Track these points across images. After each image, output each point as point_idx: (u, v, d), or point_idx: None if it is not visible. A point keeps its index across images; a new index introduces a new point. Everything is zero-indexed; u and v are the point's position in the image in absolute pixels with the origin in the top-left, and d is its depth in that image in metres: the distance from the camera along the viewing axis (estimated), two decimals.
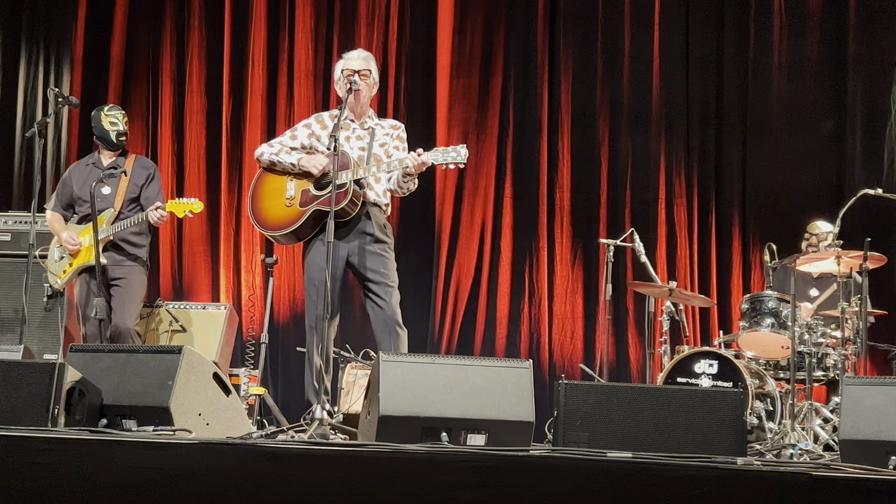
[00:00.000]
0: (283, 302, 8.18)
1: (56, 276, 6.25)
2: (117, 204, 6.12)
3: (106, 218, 6.05)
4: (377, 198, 5.35)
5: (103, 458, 3.34)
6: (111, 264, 6.04)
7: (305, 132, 5.48)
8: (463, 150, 5.11)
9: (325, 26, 8.47)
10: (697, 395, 3.98)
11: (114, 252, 6.08)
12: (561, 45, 8.23)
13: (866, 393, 4.11)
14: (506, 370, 4.10)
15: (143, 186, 6.24)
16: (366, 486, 3.23)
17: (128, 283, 6.11)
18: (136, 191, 6.22)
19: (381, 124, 5.50)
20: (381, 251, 5.30)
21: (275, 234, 5.43)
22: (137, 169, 6.28)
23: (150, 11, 8.65)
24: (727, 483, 3.11)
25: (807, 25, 7.98)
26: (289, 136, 5.52)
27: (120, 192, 6.15)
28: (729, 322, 7.65)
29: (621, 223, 7.90)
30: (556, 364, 7.88)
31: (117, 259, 6.10)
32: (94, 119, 6.30)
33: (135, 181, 6.22)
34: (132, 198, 6.20)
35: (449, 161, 5.12)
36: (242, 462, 3.28)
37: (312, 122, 5.51)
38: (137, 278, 6.18)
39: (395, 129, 5.50)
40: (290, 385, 7.99)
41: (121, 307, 6.06)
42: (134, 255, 6.17)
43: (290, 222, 5.30)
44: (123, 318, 6.04)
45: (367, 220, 5.28)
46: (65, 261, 6.19)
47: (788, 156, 7.93)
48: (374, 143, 5.37)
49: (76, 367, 4.08)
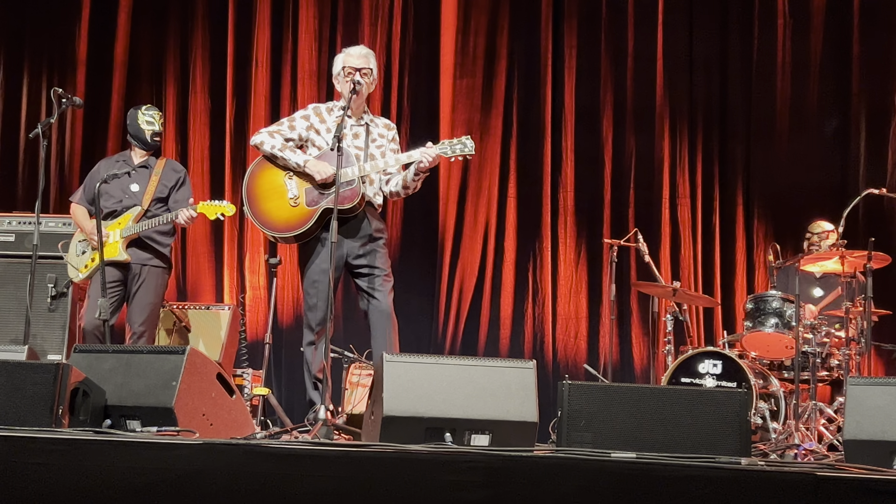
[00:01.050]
0: (287, 302, 8.18)
1: (77, 269, 6.20)
2: (145, 202, 6.12)
3: (133, 215, 6.07)
4: (371, 197, 5.38)
5: (107, 459, 3.34)
6: (135, 261, 6.04)
7: (304, 124, 5.47)
8: (469, 142, 5.14)
9: (328, 27, 8.47)
10: (701, 395, 3.98)
11: (138, 249, 6.07)
12: (565, 45, 8.23)
13: (870, 393, 4.11)
14: (509, 370, 4.10)
15: (173, 189, 6.24)
16: (369, 486, 3.23)
17: (147, 285, 6.10)
18: (165, 191, 6.22)
19: (376, 122, 5.52)
20: (377, 248, 5.34)
21: (284, 236, 5.40)
22: (167, 171, 6.29)
23: (153, 12, 8.66)
24: (731, 483, 3.11)
25: (810, 25, 7.97)
26: (287, 126, 5.50)
27: (149, 190, 6.15)
28: (733, 322, 7.64)
29: (625, 223, 7.90)
30: (560, 364, 7.87)
31: (142, 257, 6.08)
32: (130, 117, 6.33)
33: (164, 182, 6.22)
34: (160, 198, 6.19)
35: (457, 153, 5.14)
36: (246, 463, 3.28)
37: (311, 115, 5.50)
38: (159, 279, 6.17)
39: (389, 130, 5.52)
40: (294, 385, 7.99)
41: (138, 308, 6.06)
42: (159, 253, 6.16)
43: (299, 223, 5.29)
44: (137, 319, 6.04)
45: (366, 219, 5.32)
46: (87, 255, 6.17)
47: (792, 156, 7.92)
48: (371, 143, 5.39)
49: (80, 367, 4.08)
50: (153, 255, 6.13)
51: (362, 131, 5.40)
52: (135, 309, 6.07)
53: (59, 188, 8.27)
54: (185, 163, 8.46)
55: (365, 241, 5.30)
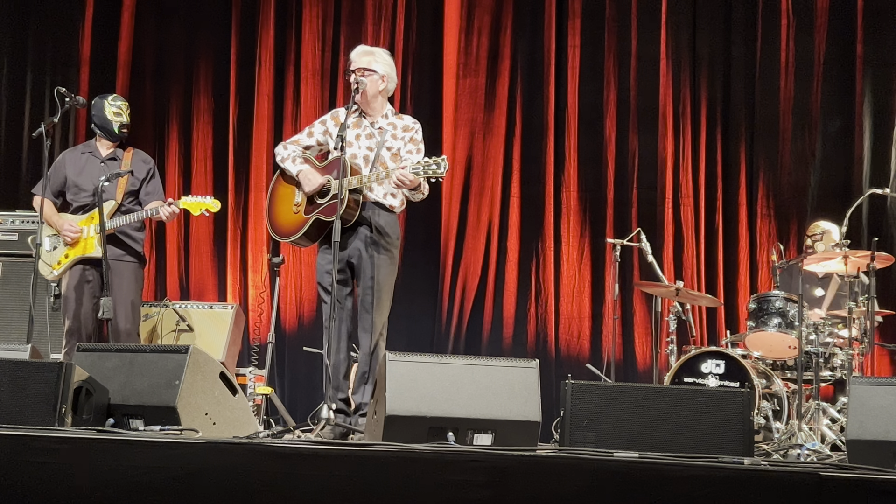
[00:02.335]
0: (290, 301, 8.19)
1: (50, 266, 6.02)
2: (119, 196, 6.02)
3: (106, 210, 5.89)
4: (379, 198, 5.33)
5: (110, 458, 3.34)
6: (111, 258, 5.82)
7: (321, 129, 5.52)
8: (443, 163, 5.00)
9: (331, 26, 8.47)
10: (704, 395, 3.98)
11: (112, 246, 5.89)
12: (568, 44, 8.23)
13: (873, 393, 4.11)
14: (512, 370, 4.10)
15: (144, 181, 6.15)
16: (372, 485, 3.23)
17: (123, 281, 5.96)
18: (137, 184, 6.12)
19: (395, 123, 5.45)
20: (378, 253, 5.28)
21: (284, 240, 5.51)
22: (136, 162, 6.17)
23: (157, 11, 8.66)
24: (734, 483, 3.11)
25: (814, 25, 7.95)
26: (305, 134, 5.57)
27: (121, 185, 6.04)
28: (736, 322, 7.63)
29: (628, 223, 7.89)
30: (563, 364, 7.86)
31: (117, 253, 5.96)
32: (96, 107, 6.19)
33: (136, 174, 6.11)
34: (132, 191, 6.10)
35: (429, 174, 5.05)
36: (249, 462, 3.29)
37: (328, 119, 5.54)
38: (135, 274, 6.07)
39: (407, 132, 5.44)
40: (297, 384, 8.00)
41: (120, 307, 5.90)
42: (133, 250, 6.06)
43: (295, 229, 5.38)
44: (120, 316, 5.92)
45: (366, 223, 5.28)
46: (59, 251, 6.02)
47: (795, 156, 7.91)
48: (383, 147, 5.36)
49: (83, 366, 4.09)
50: (125, 252, 6.03)
51: (377, 133, 5.39)
52: (118, 308, 5.86)
53: None
54: (188, 162, 8.48)
55: (365, 244, 5.27)
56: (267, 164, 8.29)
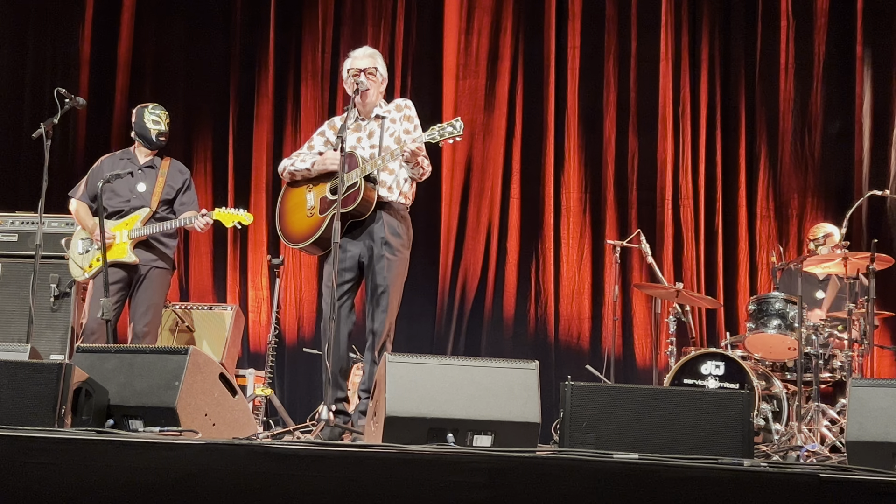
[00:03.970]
0: (290, 303, 8.19)
1: (82, 268, 6.13)
2: (153, 203, 6.10)
3: (141, 216, 6.02)
4: (389, 194, 5.25)
5: (110, 459, 3.34)
6: (141, 263, 5.99)
7: (321, 140, 5.50)
8: (458, 123, 4.99)
9: (331, 28, 8.48)
10: (704, 396, 3.97)
11: (144, 250, 6.02)
12: (568, 45, 8.23)
13: (873, 395, 4.10)
14: (512, 371, 4.10)
15: (180, 191, 6.22)
16: (372, 487, 3.22)
17: (152, 285, 6.06)
18: (172, 193, 6.19)
19: (389, 109, 5.43)
20: (390, 255, 5.22)
21: (302, 246, 5.39)
22: (173, 172, 6.26)
23: (157, 12, 8.67)
24: (734, 485, 3.11)
25: (814, 26, 7.96)
26: (306, 148, 5.53)
27: (156, 192, 6.12)
28: (736, 323, 7.64)
29: (628, 224, 7.90)
30: (563, 365, 7.86)
31: (148, 258, 6.04)
32: (137, 115, 6.27)
33: (170, 183, 6.19)
34: (167, 199, 6.17)
35: (446, 137, 5.02)
36: (248, 463, 3.28)
37: (325, 129, 5.53)
38: (163, 280, 6.14)
39: (399, 111, 5.41)
40: (297, 386, 8.01)
41: (142, 308, 6.02)
42: (164, 255, 6.12)
43: (313, 231, 5.29)
44: (141, 320, 6.00)
45: (379, 222, 5.23)
46: (91, 254, 6.11)
47: (795, 157, 7.92)
48: (385, 135, 5.33)
49: (83, 367, 4.08)
50: (158, 257, 6.10)
51: (376, 127, 5.36)
52: (139, 310, 6.02)
53: (61, 188, 8.25)
54: (188, 164, 8.44)
55: (376, 245, 5.24)
56: (267, 164, 8.30)
